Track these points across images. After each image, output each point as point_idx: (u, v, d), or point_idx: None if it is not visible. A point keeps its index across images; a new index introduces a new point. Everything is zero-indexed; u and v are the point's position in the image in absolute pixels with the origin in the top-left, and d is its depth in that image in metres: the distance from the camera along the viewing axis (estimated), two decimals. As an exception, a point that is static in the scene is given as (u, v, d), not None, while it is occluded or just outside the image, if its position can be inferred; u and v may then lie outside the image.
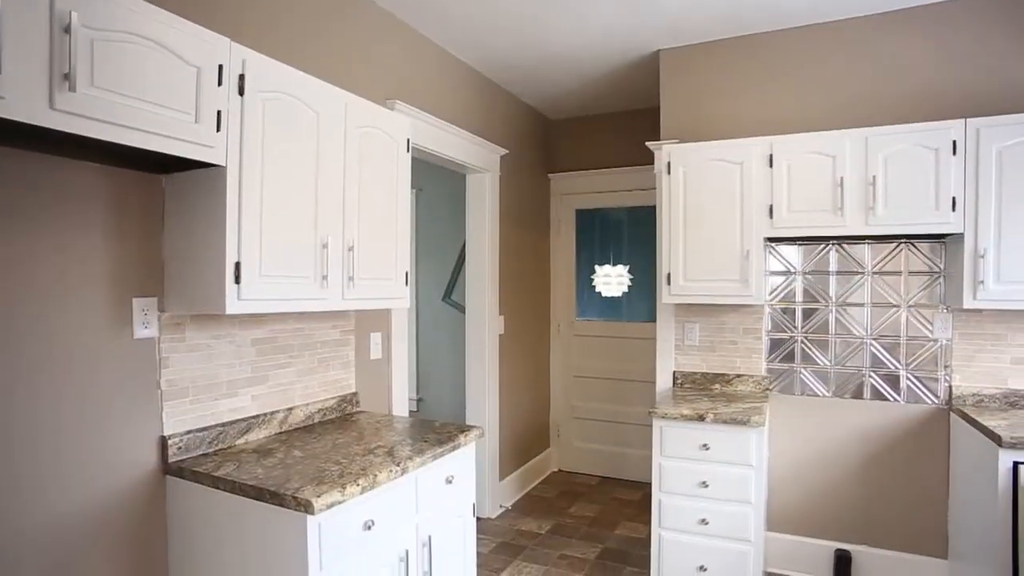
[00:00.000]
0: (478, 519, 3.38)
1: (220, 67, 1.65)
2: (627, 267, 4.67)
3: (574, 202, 4.79)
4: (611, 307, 4.75)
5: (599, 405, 4.69)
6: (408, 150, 2.47)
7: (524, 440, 4.38)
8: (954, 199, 2.54)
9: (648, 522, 2.78)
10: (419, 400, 4.84)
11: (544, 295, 4.76)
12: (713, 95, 3.26)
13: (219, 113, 1.65)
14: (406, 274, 2.46)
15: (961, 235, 2.57)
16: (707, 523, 2.61)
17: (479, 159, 3.65)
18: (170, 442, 1.85)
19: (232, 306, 1.71)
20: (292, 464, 1.84)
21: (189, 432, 1.91)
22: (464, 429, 2.33)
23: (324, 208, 2.02)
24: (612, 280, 4.68)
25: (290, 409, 2.29)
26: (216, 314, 1.92)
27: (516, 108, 4.25)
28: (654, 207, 3.27)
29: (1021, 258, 2.46)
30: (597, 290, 4.75)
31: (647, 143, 3.35)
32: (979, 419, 2.49)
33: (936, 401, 2.88)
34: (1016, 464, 2.23)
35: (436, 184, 4.68)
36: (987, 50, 2.78)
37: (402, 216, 2.43)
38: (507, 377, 4.06)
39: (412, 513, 1.98)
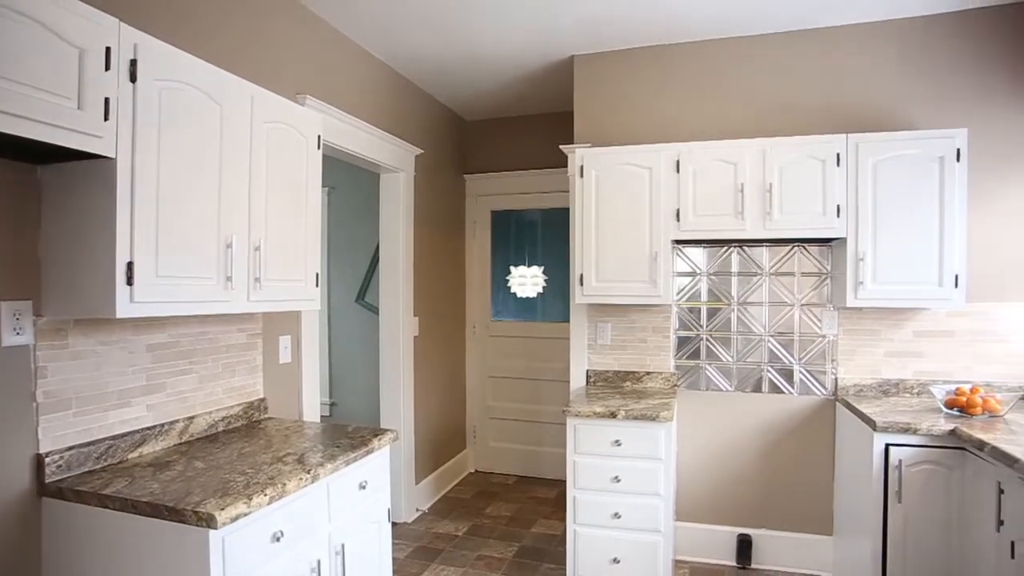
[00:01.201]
0: (394, 524, 3.31)
1: (108, 50, 1.52)
2: (542, 268, 4.74)
3: (490, 203, 4.81)
4: (526, 307, 4.80)
5: (515, 405, 4.73)
6: (319, 147, 2.38)
7: (440, 442, 4.35)
8: (838, 206, 2.77)
9: (564, 519, 2.83)
10: (332, 405, 4.69)
11: (459, 296, 4.74)
12: (625, 101, 3.38)
13: (107, 100, 1.52)
14: (317, 275, 2.38)
15: (844, 239, 2.80)
16: (620, 517, 2.70)
17: (393, 158, 3.59)
18: (47, 460, 1.68)
19: (124, 309, 1.58)
20: (193, 476, 1.72)
21: (72, 448, 1.74)
22: (378, 433, 2.28)
23: (228, 206, 1.91)
24: (527, 281, 4.74)
25: (191, 418, 2.15)
26: (106, 318, 1.77)
27: (432, 108, 4.21)
28: (568, 209, 3.33)
29: (893, 261, 2.72)
30: (512, 291, 4.80)
31: (561, 146, 3.41)
32: (859, 407, 2.72)
33: (824, 392, 3.12)
34: (888, 446, 2.45)
35: (349, 183, 4.55)
36: (871, 72, 3.05)
37: (312, 215, 2.35)
38: (422, 379, 4.01)
39: (324, 521, 1.91)
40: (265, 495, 1.61)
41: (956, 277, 2.68)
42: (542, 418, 4.61)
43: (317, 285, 2.39)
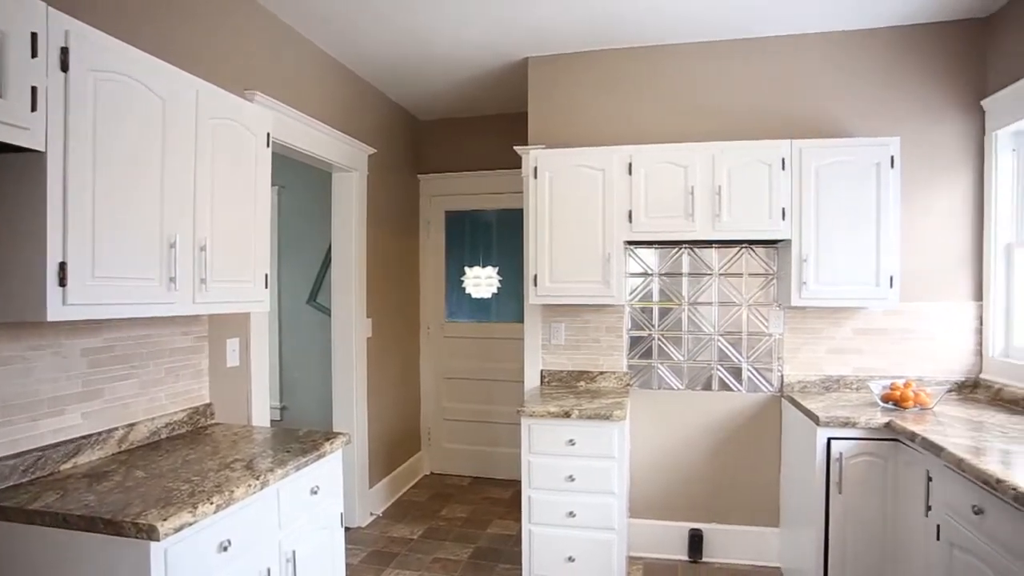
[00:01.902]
0: (347, 529, 3.26)
1: (34, 36, 1.43)
2: (496, 268, 4.75)
3: (444, 203, 4.78)
4: (481, 308, 4.80)
5: (470, 406, 4.72)
6: (268, 145, 2.32)
7: (394, 445, 4.30)
8: (783, 209, 2.87)
9: (519, 518, 2.83)
10: (283, 408, 4.58)
11: (413, 297, 4.70)
12: (579, 103, 3.41)
13: (34, 90, 1.43)
14: (266, 276, 2.31)
15: (789, 241, 2.90)
16: (574, 515, 2.72)
17: (346, 157, 3.52)
18: (-29, 473, 1.58)
19: (55, 312, 1.50)
20: (133, 487, 1.65)
21: (-3, 460, 1.64)
22: (330, 436, 2.23)
23: (172, 204, 1.84)
24: (482, 281, 4.74)
25: (131, 425, 2.06)
26: (36, 322, 1.67)
27: (385, 107, 4.16)
28: (522, 210, 3.35)
29: (834, 262, 2.84)
30: (467, 291, 4.79)
31: (515, 147, 3.42)
32: (803, 403, 2.82)
33: (771, 389, 3.22)
34: (830, 439, 2.55)
35: (300, 182, 4.45)
36: (813, 81, 3.17)
37: (262, 214, 2.28)
38: (376, 381, 3.95)
39: (274, 528, 1.86)
40: (211, 503, 1.55)
41: (891, 278, 2.81)
42: (497, 419, 4.61)
43: (267, 286, 2.32)
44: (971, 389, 3.03)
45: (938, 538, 2.12)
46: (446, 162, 4.73)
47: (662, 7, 2.89)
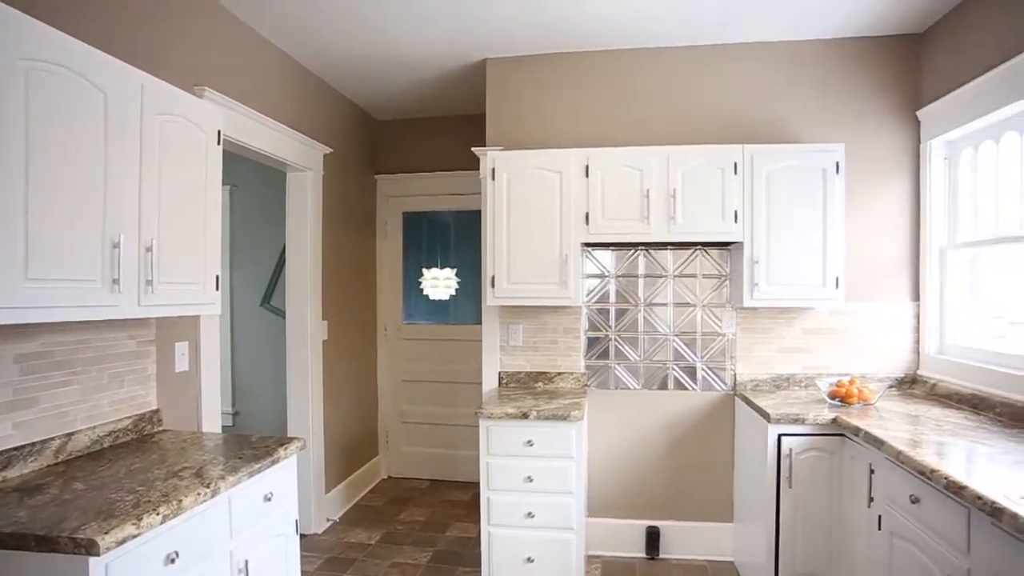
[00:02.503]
0: (303, 536, 3.18)
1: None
2: (455, 270, 4.73)
3: (401, 204, 4.74)
4: (439, 310, 4.77)
5: (428, 408, 4.68)
6: (219, 143, 2.26)
7: (351, 449, 4.23)
8: (736, 212, 2.94)
9: (479, 521, 2.82)
10: (235, 414, 4.45)
11: (370, 299, 4.64)
12: (537, 105, 3.43)
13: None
14: (217, 277, 2.25)
15: (742, 244, 2.98)
16: (533, 516, 2.73)
17: (301, 156, 3.45)
18: None
19: (-15, 316, 1.42)
20: (71, 500, 1.57)
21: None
22: (284, 442, 2.18)
23: (116, 203, 1.76)
24: (440, 283, 4.71)
25: (70, 435, 1.96)
26: (-36, 326, 1.58)
27: (342, 106, 4.09)
28: (481, 211, 3.34)
29: (784, 264, 2.93)
30: (425, 293, 4.75)
31: (473, 148, 3.42)
32: (755, 401, 2.90)
33: (725, 388, 3.30)
34: (780, 436, 2.64)
35: (253, 181, 4.34)
36: (764, 88, 3.27)
37: (212, 214, 2.22)
38: (332, 384, 3.88)
39: (226, 538, 1.80)
40: (157, 514, 1.49)
41: (837, 279, 2.92)
42: (455, 421, 4.59)
43: (218, 288, 2.25)
44: (910, 385, 3.18)
45: (879, 528, 2.21)
46: (404, 163, 4.69)
47: (619, 13, 2.93)
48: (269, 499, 2.03)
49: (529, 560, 2.73)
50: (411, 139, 4.68)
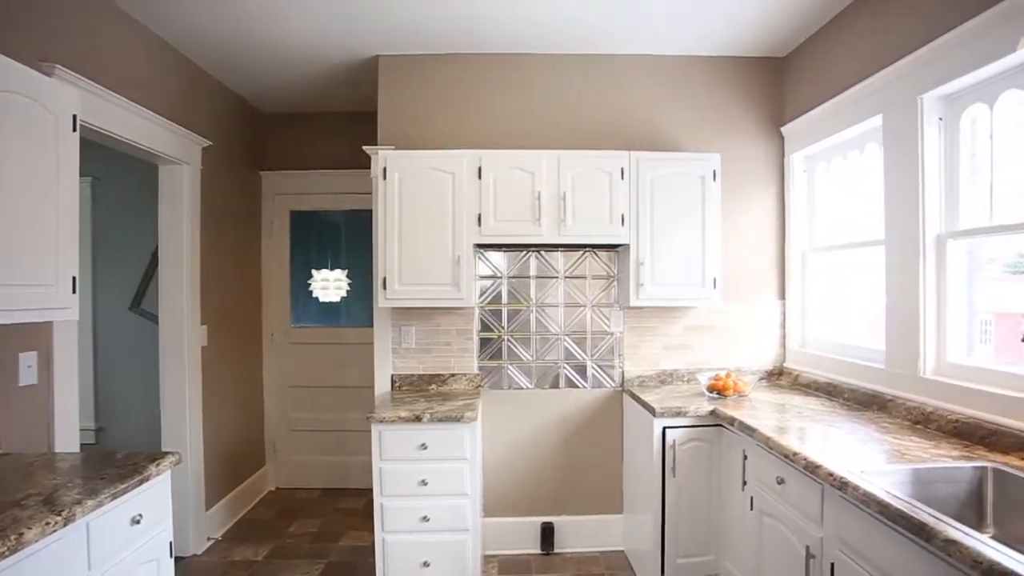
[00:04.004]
0: (180, 558, 2.95)
1: None
2: (346, 271, 4.59)
3: (289, 203, 4.52)
4: (330, 312, 4.61)
5: (319, 415, 4.50)
6: (75, 129, 2.04)
7: (235, 461, 3.98)
8: (623, 216, 3.07)
9: (373, 528, 2.75)
10: (99, 430, 4.06)
11: (255, 302, 4.39)
12: (430, 105, 3.40)
13: None
14: (74, 279, 2.03)
15: (628, 246, 3.11)
16: (428, 520, 2.70)
17: (175, 149, 3.20)
18: None
19: None
20: None
21: None
22: (156, 457, 2.00)
23: (-60, 194, 1.54)
24: (330, 285, 4.55)
25: None
26: None
27: (223, 97, 3.84)
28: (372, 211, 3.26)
29: (668, 265, 3.09)
30: (315, 295, 4.57)
31: (364, 147, 3.33)
32: (641, 396, 3.04)
33: (613, 385, 3.43)
34: (664, 428, 2.78)
35: (120, 174, 3.98)
36: (649, 98, 3.43)
37: (67, 209, 2.00)
38: (212, 393, 3.63)
39: (82, 570, 1.62)
40: (-8, 550, 1.31)
41: (715, 280, 3.12)
42: (348, 426, 4.44)
43: (75, 291, 2.03)
44: (778, 376, 3.46)
45: (751, 508, 2.39)
46: (292, 159, 4.48)
47: (513, 16, 2.97)
48: (138, 522, 1.86)
49: (425, 564, 2.70)
50: (300, 135, 4.49)
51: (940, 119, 2.36)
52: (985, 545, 1.26)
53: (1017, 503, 1.71)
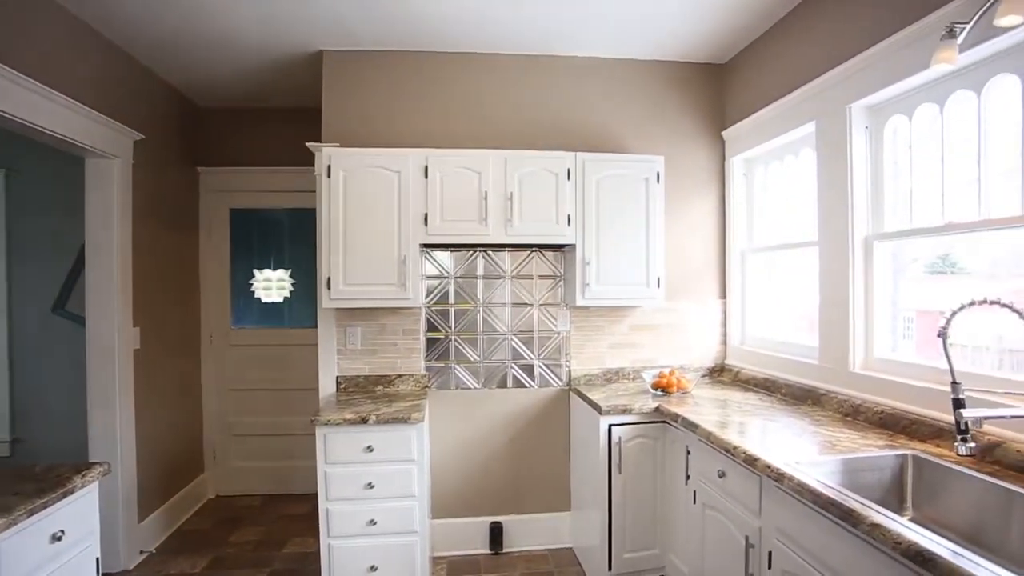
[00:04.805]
0: (109, 575, 2.80)
1: None
2: (289, 271, 4.47)
3: (229, 200, 4.37)
4: (272, 313, 4.48)
5: (262, 419, 4.37)
6: (-13, 119, 1.91)
7: (171, 469, 3.81)
8: (569, 216, 3.10)
9: (318, 534, 2.68)
10: (14, 442, 3.81)
11: (193, 302, 4.22)
12: (376, 102, 3.34)
13: None
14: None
15: (574, 246, 3.14)
16: (375, 523, 2.66)
17: (102, 141, 3.04)
18: None
19: None
20: None
21: None
22: (81, 469, 1.90)
23: None
24: (273, 285, 4.43)
25: None
26: None
27: (157, 88, 3.67)
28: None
29: (613, 265, 3.14)
30: (257, 296, 4.44)
31: (308, 144, 3.24)
32: (588, 394, 3.08)
33: (560, 384, 3.46)
34: (611, 426, 2.82)
35: (40, 167, 3.76)
36: (595, 99, 3.48)
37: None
38: (146, 399, 3.46)
39: (-5, 593, 1.52)
40: None
41: (659, 279, 3.19)
42: (292, 430, 4.33)
43: (-13, 293, 1.90)
44: (719, 373, 3.57)
45: (695, 502, 2.46)
46: (232, 155, 4.32)
47: (460, 14, 2.95)
48: (59, 539, 1.75)
49: (373, 569, 2.66)
50: (240, 130, 4.34)
51: (867, 128, 2.49)
52: (904, 527, 1.35)
53: (932, 486, 1.83)
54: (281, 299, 4.46)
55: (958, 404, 1.58)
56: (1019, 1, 1.53)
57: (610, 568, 2.82)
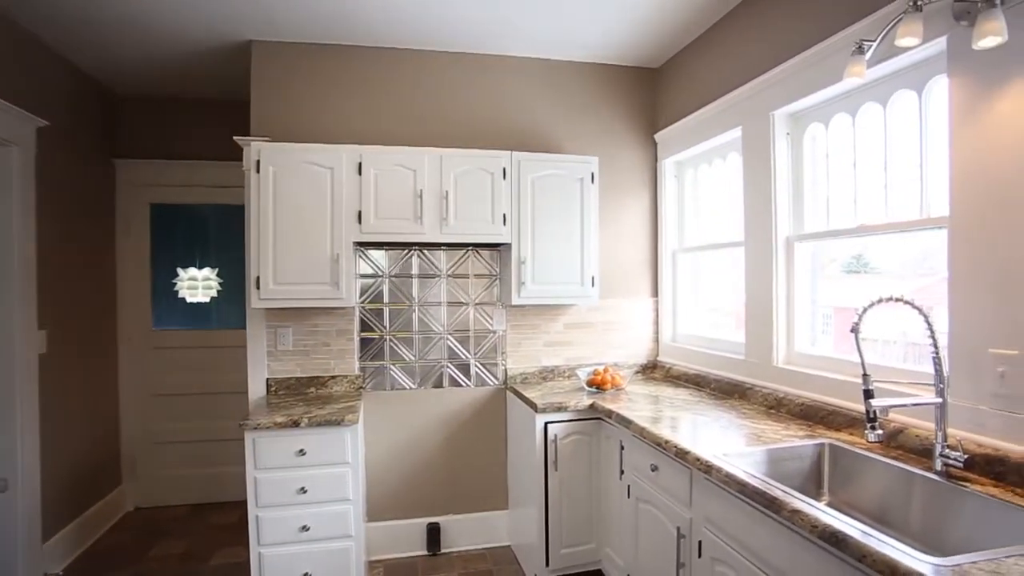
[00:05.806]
0: (11, 597, 2.60)
1: None
2: (216, 270, 4.28)
3: (149, 195, 4.14)
4: (199, 314, 4.28)
5: (187, 424, 4.16)
6: None
7: (83, 482, 3.57)
8: (505, 215, 3.11)
9: (248, 543, 2.58)
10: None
11: (108, 303, 3.97)
12: (309, 96, 3.24)
13: None
14: None
15: (510, 245, 3.15)
16: (308, 529, 2.58)
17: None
18: None
19: None
20: None
21: None
22: (-23, 484, 1.75)
23: None
24: (199, 284, 4.23)
25: None
26: None
27: (65, 72, 3.43)
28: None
29: (548, 264, 3.17)
30: (181, 296, 4.22)
31: (236, 138, 3.11)
32: (524, 393, 3.10)
33: (497, 382, 3.47)
34: (546, 424, 2.85)
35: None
36: (530, 99, 3.50)
37: None
38: (53, 407, 3.23)
39: None
40: None
41: (593, 278, 3.24)
42: (220, 435, 4.14)
43: None
44: (652, 370, 3.67)
45: (628, 496, 2.51)
46: (152, 147, 4.10)
47: (397, 10, 2.90)
48: (-48, 558, 1.61)
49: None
50: (163, 121, 4.12)
51: (788, 134, 2.62)
52: (821, 511, 1.43)
53: (846, 471, 1.95)
54: (208, 299, 4.27)
55: (868, 394, 1.68)
56: (915, 24, 1.68)
57: (547, 564, 2.85)
